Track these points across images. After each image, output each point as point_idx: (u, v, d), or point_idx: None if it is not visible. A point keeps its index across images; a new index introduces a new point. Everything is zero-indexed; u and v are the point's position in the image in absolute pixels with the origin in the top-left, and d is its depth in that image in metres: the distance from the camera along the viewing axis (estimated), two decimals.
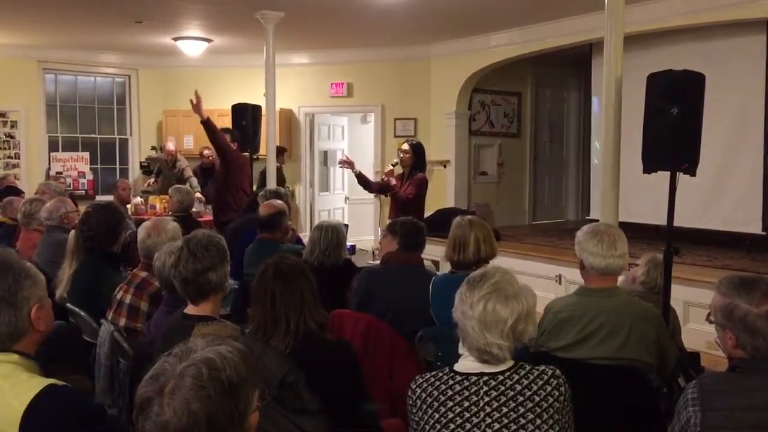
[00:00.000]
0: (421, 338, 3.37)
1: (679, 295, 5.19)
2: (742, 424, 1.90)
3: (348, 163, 6.64)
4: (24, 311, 1.82)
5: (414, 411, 2.09)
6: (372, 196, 9.46)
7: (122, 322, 3.32)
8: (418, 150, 6.39)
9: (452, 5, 7.30)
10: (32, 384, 1.70)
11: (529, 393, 2.00)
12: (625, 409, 2.68)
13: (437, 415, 2.02)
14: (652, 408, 2.76)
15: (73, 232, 4.02)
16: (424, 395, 2.06)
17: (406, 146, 6.42)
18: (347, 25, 8.39)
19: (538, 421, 1.98)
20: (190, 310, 2.65)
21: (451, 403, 2.01)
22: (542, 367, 2.07)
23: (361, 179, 6.58)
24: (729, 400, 1.93)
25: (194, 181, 9.43)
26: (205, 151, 9.58)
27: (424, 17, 7.90)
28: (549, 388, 2.02)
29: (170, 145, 9.75)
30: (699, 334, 5.13)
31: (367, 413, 2.52)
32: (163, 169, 9.63)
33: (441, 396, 2.03)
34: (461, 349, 2.10)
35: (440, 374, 2.09)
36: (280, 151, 9.41)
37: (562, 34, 8.11)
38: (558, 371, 2.08)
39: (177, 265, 2.62)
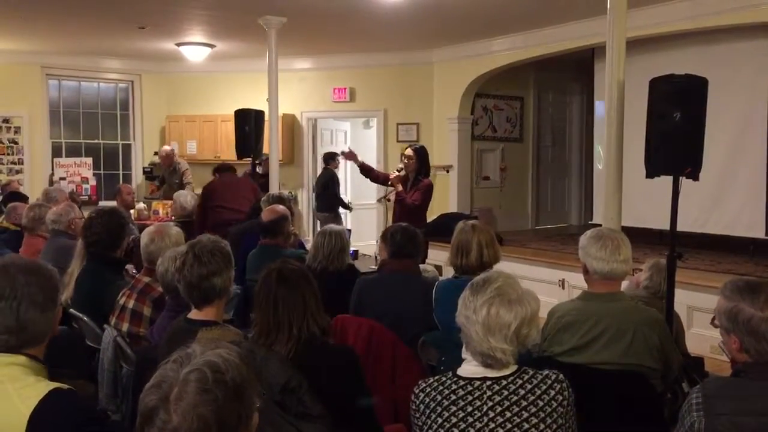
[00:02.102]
0: (424, 343, 3.36)
1: (683, 299, 5.19)
2: (746, 428, 1.89)
3: (351, 156, 6.68)
4: (54, 315, 1.89)
5: (417, 416, 2.09)
6: (374, 201, 9.52)
7: (125, 327, 3.32)
8: (422, 155, 6.38)
9: (454, 10, 7.31)
10: (38, 388, 1.70)
11: (533, 398, 2.00)
12: (629, 414, 2.68)
13: (440, 420, 2.01)
14: (656, 413, 2.75)
15: (81, 239, 4.02)
16: (427, 400, 2.06)
17: (409, 152, 6.40)
18: (350, 30, 8.41)
19: (542, 426, 1.98)
20: (194, 314, 2.65)
21: (454, 408, 2.01)
22: (546, 372, 2.07)
23: (365, 169, 6.75)
24: (733, 405, 1.93)
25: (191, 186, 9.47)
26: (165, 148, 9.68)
27: (427, 22, 7.92)
28: (552, 393, 2.02)
29: (163, 150, 9.71)
30: (703, 338, 5.12)
31: (366, 408, 2.52)
32: (165, 176, 9.66)
33: (444, 401, 2.03)
34: (464, 354, 2.10)
35: (443, 379, 2.09)
36: (332, 156, 9.52)
37: (564, 38, 8.11)
38: (561, 376, 2.07)
39: (182, 270, 2.62)
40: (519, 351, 2.06)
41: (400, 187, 6.33)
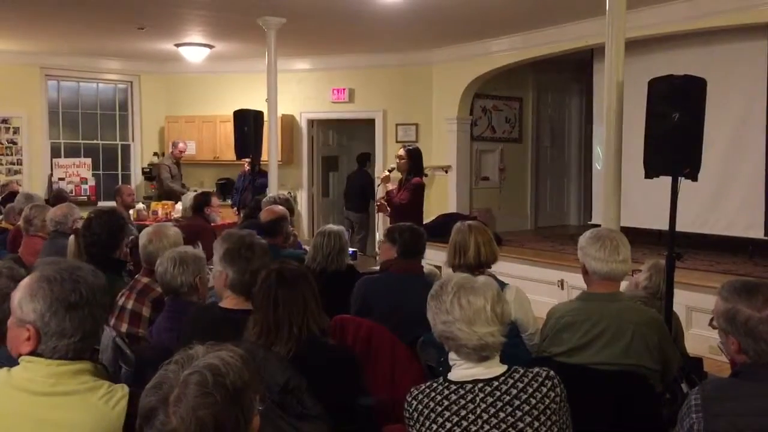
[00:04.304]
0: (423, 343, 3.36)
1: (682, 300, 5.18)
2: (745, 429, 1.89)
3: (382, 209, 6.56)
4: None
5: (411, 423, 2.08)
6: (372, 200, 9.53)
7: (124, 327, 3.32)
8: (413, 155, 6.40)
9: (453, 11, 7.31)
10: (116, 391, 1.77)
11: (525, 396, 2.01)
12: (628, 414, 2.68)
13: (435, 426, 2.02)
14: (655, 413, 2.75)
15: (72, 237, 4.01)
16: (420, 407, 2.06)
17: (401, 152, 6.44)
18: (349, 30, 8.41)
19: (536, 424, 1.99)
20: (233, 304, 2.78)
21: (448, 413, 2.01)
22: (536, 369, 2.08)
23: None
24: (732, 406, 1.92)
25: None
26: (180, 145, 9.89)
27: (426, 23, 7.92)
28: (545, 390, 2.03)
29: (182, 145, 9.94)
30: (702, 339, 5.12)
31: (364, 408, 2.53)
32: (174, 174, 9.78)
33: (437, 407, 2.03)
34: (451, 360, 2.12)
35: (435, 385, 2.09)
36: (367, 157, 9.78)
37: (563, 39, 8.12)
38: (552, 372, 2.09)
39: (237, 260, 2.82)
40: (503, 331, 2.09)
41: (390, 187, 6.33)
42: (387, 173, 6.46)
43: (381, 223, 9.20)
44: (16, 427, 1.69)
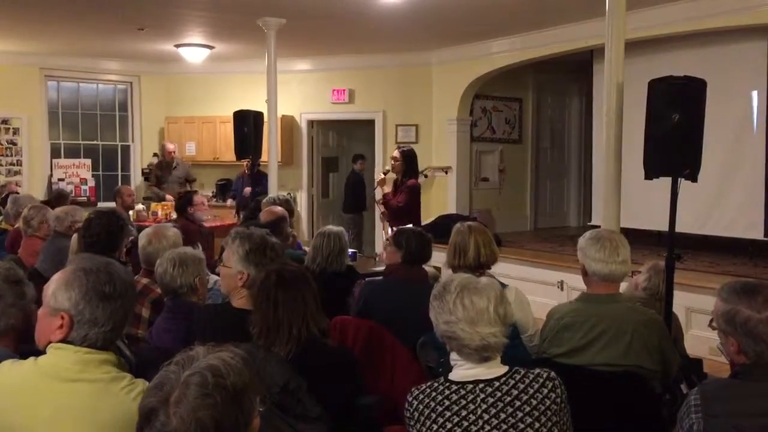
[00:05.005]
0: (424, 344, 3.36)
1: (682, 301, 5.18)
2: (745, 430, 1.90)
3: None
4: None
5: (412, 423, 2.08)
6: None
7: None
8: (408, 157, 6.37)
9: (453, 12, 7.32)
10: (137, 384, 1.78)
11: (526, 397, 2.01)
12: (628, 415, 2.68)
13: (435, 426, 2.01)
14: (655, 414, 2.76)
15: (75, 236, 4.01)
16: (421, 407, 2.06)
17: (396, 153, 6.41)
18: (349, 31, 8.41)
19: (537, 425, 1.99)
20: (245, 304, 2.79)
21: (448, 413, 2.01)
22: (537, 371, 2.09)
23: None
24: (732, 407, 1.93)
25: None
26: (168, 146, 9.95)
27: (426, 24, 7.92)
28: (545, 391, 2.03)
29: (170, 146, 9.92)
30: (702, 340, 5.13)
31: (363, 406, 2.53)
32: (159, 176, 9.72)
33: (438, 407, 2.03)
34: (453, 360, 2.12)
35: (436, 385, 2.09)
36: (357, 158, 9.87)
37: (563, 40, 8.12)
38: (553, 373, 2.09)
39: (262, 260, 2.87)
40: (505, 332, 2.09)
41: (386, 189, 6.31)
42: (382, 175, 6.44)
43: (380, 223, 9.21)
44: (39, 410, 1.71)
